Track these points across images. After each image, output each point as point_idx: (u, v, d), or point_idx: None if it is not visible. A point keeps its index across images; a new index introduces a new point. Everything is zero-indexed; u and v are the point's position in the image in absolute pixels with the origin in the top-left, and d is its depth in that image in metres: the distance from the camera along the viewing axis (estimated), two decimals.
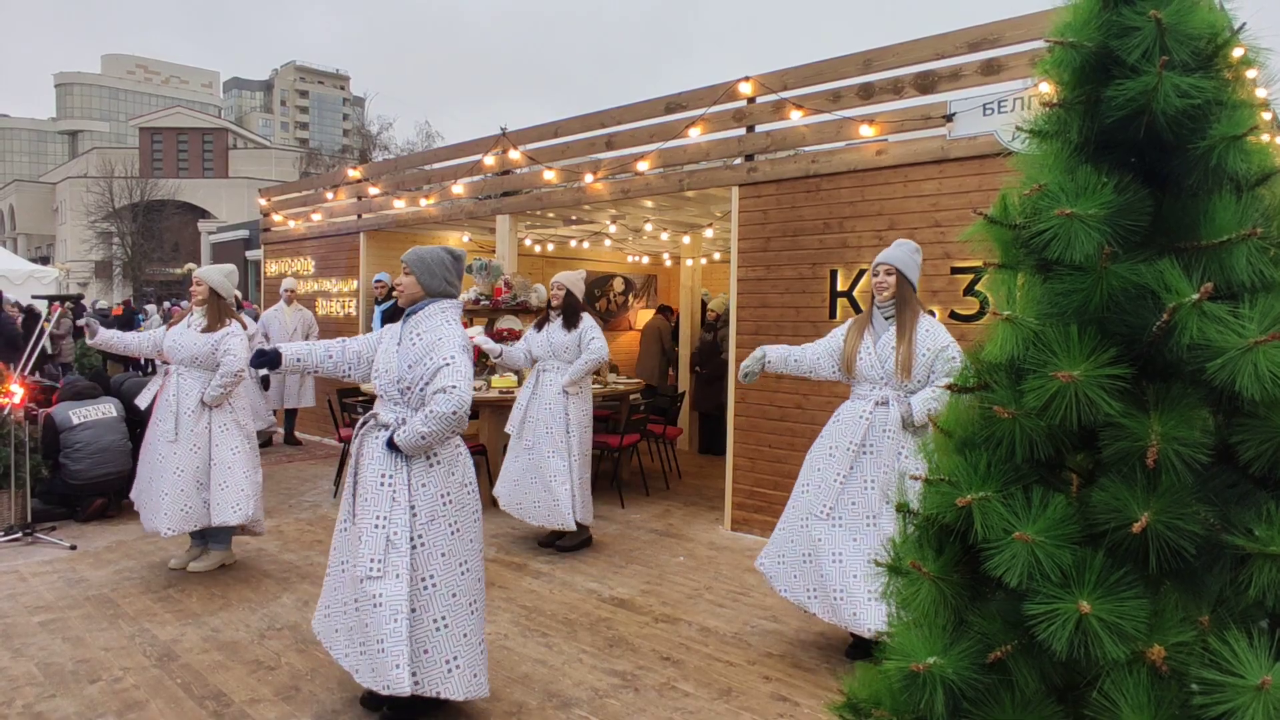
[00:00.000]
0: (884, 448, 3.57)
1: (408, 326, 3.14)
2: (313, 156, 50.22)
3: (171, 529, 4.64)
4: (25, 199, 56.59)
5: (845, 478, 3.63)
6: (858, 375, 3.71)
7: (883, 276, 3.64)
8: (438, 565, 3.01)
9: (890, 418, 3.58)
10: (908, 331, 3.58)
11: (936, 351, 3.53)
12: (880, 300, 3.68)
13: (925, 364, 3.55)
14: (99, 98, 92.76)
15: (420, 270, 3.15)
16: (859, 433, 3.62)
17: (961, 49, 4.98)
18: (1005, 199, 1.57)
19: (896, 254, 3.66)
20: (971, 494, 1.45)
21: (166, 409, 4.75)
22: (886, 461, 3.56)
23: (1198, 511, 1.34)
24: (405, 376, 3.04)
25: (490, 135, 8.05)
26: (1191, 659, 1.29)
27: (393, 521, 2.97)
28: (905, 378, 3.56)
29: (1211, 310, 1.32)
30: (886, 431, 3.58)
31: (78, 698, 3.34)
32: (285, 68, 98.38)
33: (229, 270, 4.97)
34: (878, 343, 3.67)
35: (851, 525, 3.60)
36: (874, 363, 3.64)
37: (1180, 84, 1.40)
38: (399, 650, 2.88)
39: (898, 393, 3.61)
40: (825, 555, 3.60)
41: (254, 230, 23.09)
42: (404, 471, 3.02)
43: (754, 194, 5.96)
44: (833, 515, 3.63)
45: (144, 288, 40.40)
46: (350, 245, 9.81)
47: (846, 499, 3.62)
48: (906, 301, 3.63)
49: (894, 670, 1.46)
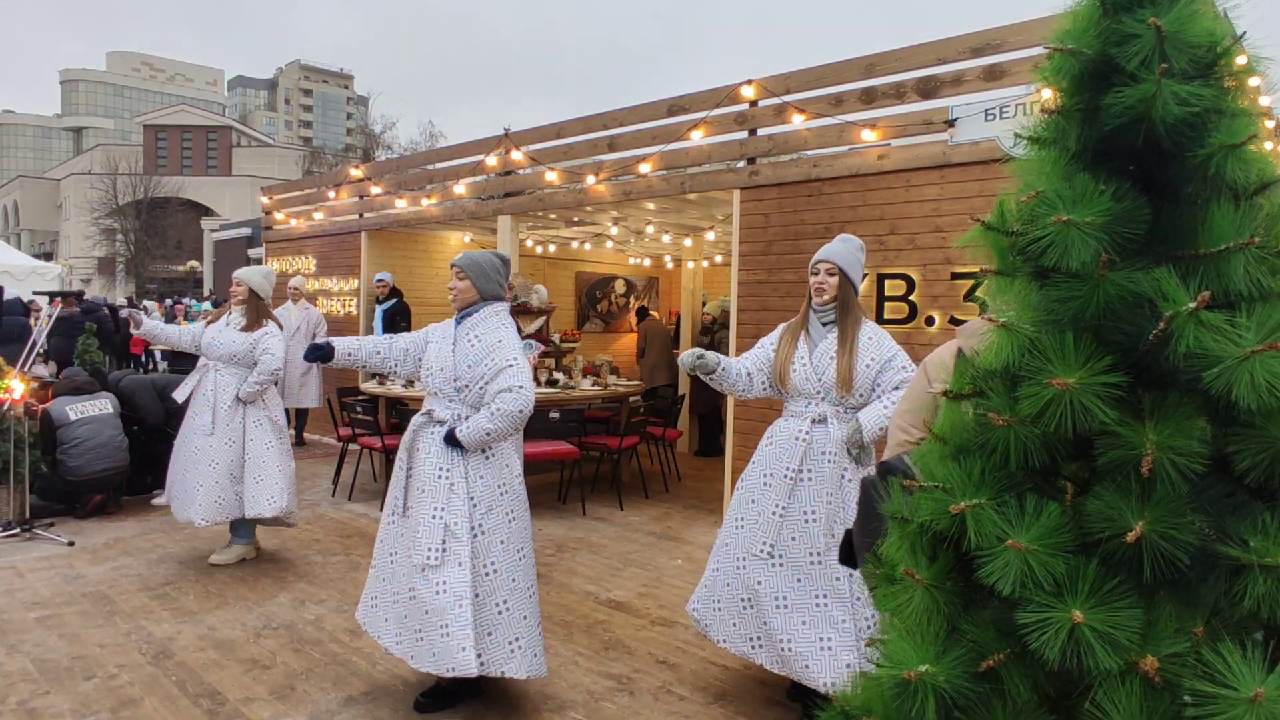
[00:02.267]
0: (824, 473, 3.11)
1: (463, 328, 3.28)
2: (316, 155, 50.27)
3: (205, 519, 4.81)
4: (29, 195, 56.74)
5: (784, 510, 3.15)
6: (791, 389, 3.24)
7: (823, 276, 3.23)
8: (498, 552, 3.17)
9: (830, 438, 3.13)
10: (849, 339, 3.15)
11: (882, 362, 3.13)
12: (818, 303, 3.26)
13: (868, 376, 3.13)
14: (104, 95, 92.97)
15: (475, 274, 3.30)
16: (795, 456, 3.14)
17: (964, 54, 4.97)
18: (1002, 205, 1.56)
19: (839, 250, 3.26)
20: (965, 501, 1.44)
21: (204, 403, 4.92)
22: (829, 489, 3.10)
23: (1193, 521, 1.33)
24: (464, 375, 3.19)
25: (493, 136, 8.05)
26: (1185, 670, 1.28)
27: (451, 511, 3.12)
28: (845, 392, 3.12)
29: (1208, 319, 1.32)
30: (826, 454, 3.12)
31: (72, 694, 3.33)
32: (290, 66, 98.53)
33: (267, 272, 5.17)
34: (814, 352, 3.22)
35: (794, 564, 3.13)
36: (809, 375, 3.19)
37: (1179, 92, 1.40)
38: (464, 634, 3.01)
39: (837, 408, 3.17)
40: (767, 601, 3.14)
41: (256, 228, 23.11)
42: (461, 465, 3.17)
43: (755, 197, 5.96)
44: (773, 554, 3.15)
45: (147, 285, 40.45)
46: (352, 244, 9.82)
47: (787, 534, 3.15)
48: (848, 306, 3.22)
49: (885, 678, 1.45)
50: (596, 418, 7.68)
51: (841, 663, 2.95)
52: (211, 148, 56.07)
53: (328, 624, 4.14)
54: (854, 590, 2.99)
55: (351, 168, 10.41)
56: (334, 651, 3.81)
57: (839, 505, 3.09)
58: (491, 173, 8.03)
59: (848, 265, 3.24)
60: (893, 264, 5.22)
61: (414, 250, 10.12)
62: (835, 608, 3.03)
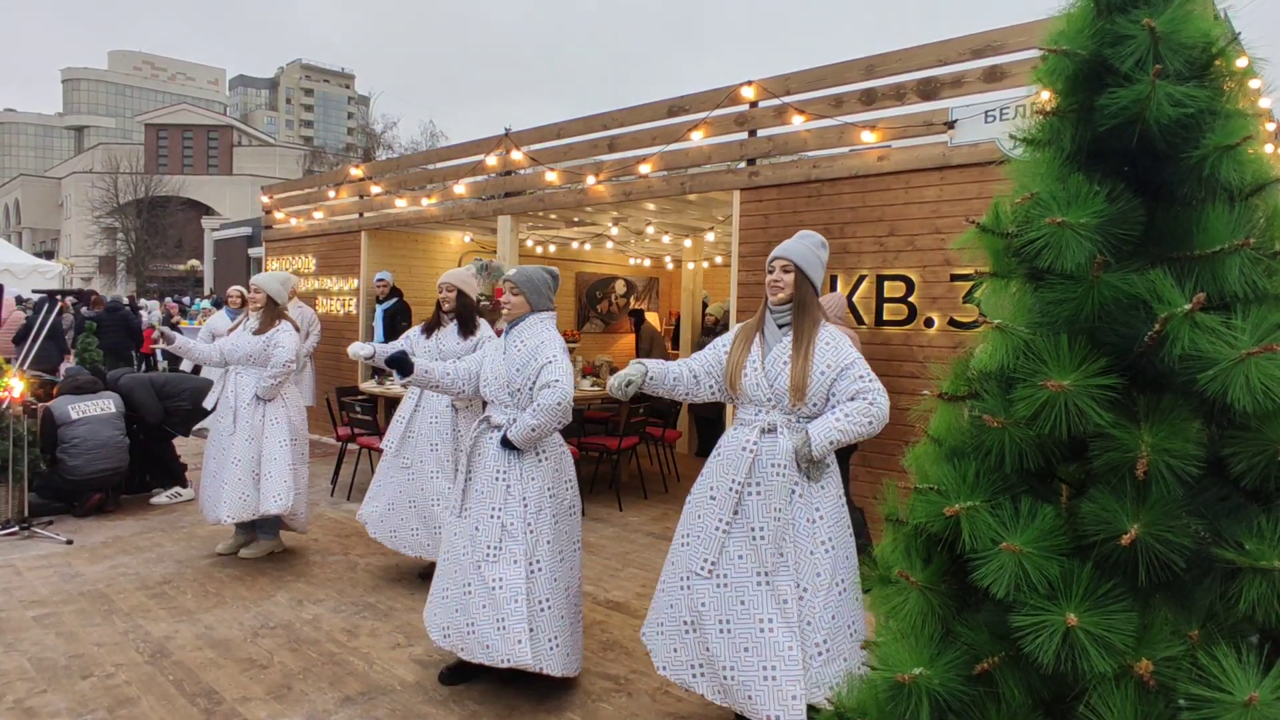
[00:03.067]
0: (773, 486, 2.83)
1: (510, 337, 3.49)
2: (317, 154, 50.30)
3: (231, 516, 4.94)
4: (31, 193, 56.76)
5: (729, 525, 2.89)
6: (742, 396, 2.99)
7: (778, 274, 2.99)
8: (544, 552, 3.32)
9: (779, 449, 2.84)
10: (805, 343, 2.89)
11: (838, 369, 2.83)
12: (773, 303, 3.01)
13: (823, 384, 2.83)
14: (106, 93, 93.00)
15: (529, 289, 3.50)
16: (742, 468, 2.88)
17: (964, 55, 4.97)
18: (997, 207, 1.56)
19: (795, 247, 3.01)
20: (960, 503, 1.44)
21: (225, 405, 5.12)
22: (776, 504, 2.82)
23: (1188, 524, 1.33)
24: (514, 379, 3.39)
25: (493, 135, 8.05)
26: (1180, 673, 1.28)
27: (507, 511, 3.31)
28: (798, 401, 2.84)
29: (1204, 321, 1.31)
30: (775, 466, 2.84)
31: (69, 693, 3.33)
32: (291, 65, 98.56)
33: (284, 278, 5.32)
34: (767, 356, 2.96)
35: (739, 585, 2.85)
36: (760, 381, 2.92)
37: (1174, 93, 1.40)
38: (520, 628, 3.17)
39: (789, 418, 2.88)
40: (710, 624, 2.87)
41: (256, 227, 23.12)
42: (516, 467, 3.35)
43: (755, 198, 5.95)
44: (716, 573, 2.89)
45: (147, 283, 40.46)
46: (351, 244, 9.82)
47: (731, 552, 2.88)
48: (806, 307, 2.95)
49: (880, 680, 1.45)
50: (596, 418, 7.68)
51: (786, 694, 2.70)
52: (212, 147, 56.10)
53: (325, 624, 4.13)
54: (803, 613, 2.75)
55: (352, 167, 10.41)
56: (331, 651, 3.80)
57: (789, 522, 2.81)
58: (492, 173, 8.03)
59: (805, 263, 2.97)
60: (892, 265, 5.21)
61: (414, 250, 10.12)
62: (781, 633, 2.74)
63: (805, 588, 2.76)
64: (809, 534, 2.79)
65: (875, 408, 2.74)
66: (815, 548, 2.78)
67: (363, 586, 4.72)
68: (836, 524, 2.83)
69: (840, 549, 2.82)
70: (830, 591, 2.76)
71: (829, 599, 2.75)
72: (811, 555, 2.77)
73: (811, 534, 2.79)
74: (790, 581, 2.76)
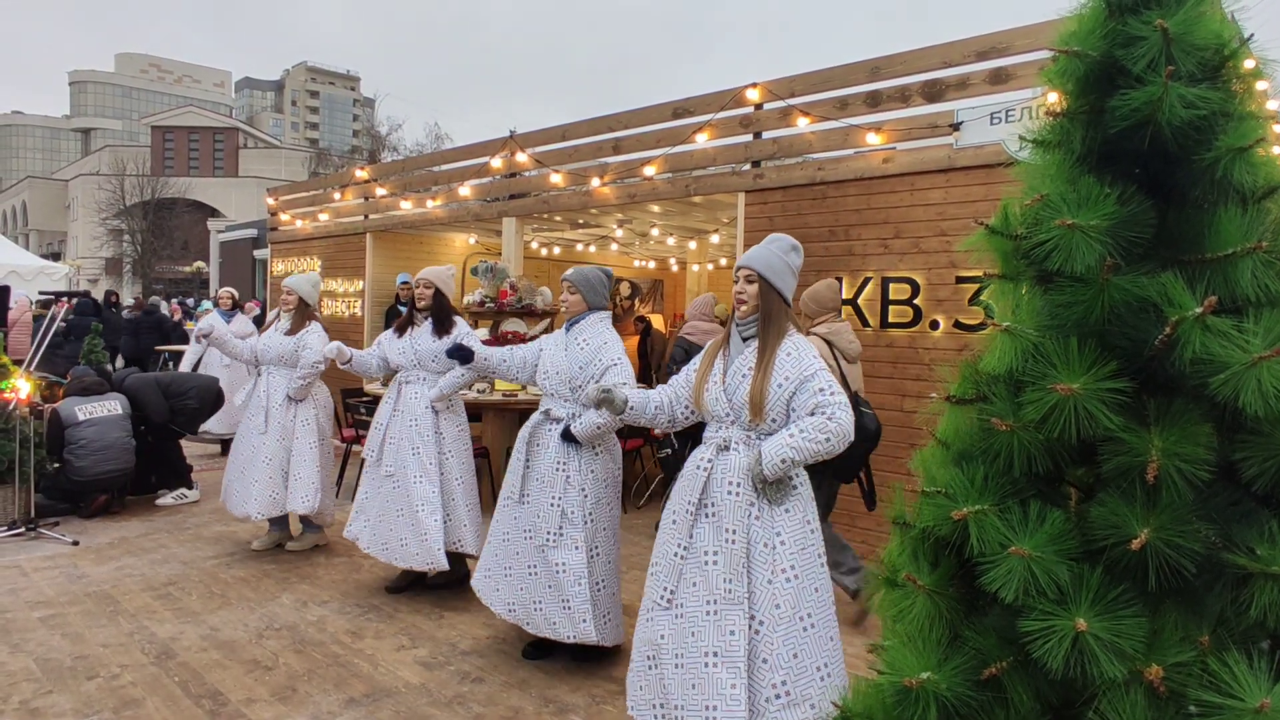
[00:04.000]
0: (727, 507, 2.60)
1: (571, 334, 3.72)
2: (322, 157, 50.42)
3: (260, 513, 5.14)
4: (38, 195, 56.96)
5: (685, 550, 2.67)
6: (705, 412, 2.82)
7: (741, 284, 2.78)
8: (602, 538, 3.64)
9: (732, 467, 2.63)
10: (767, 356, 2.68)
11: (798, 380, 2.61)
12: (738, 316, 2.80)
13: (782, 397, 2.61)
14: (112, 96, 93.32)
15: (585, 289, 3.74)
16: (696, 488, 2.67)
17: (970, 57, 4.96)
18: (1006, 209, 1.55)
19: (759, 255, 2.79)
20: (968, 507, 1.43)
21: (258, 404, 5.28)
22: (731, 526, 2.59)
23: (1198, 529, 1.32)
24: (577, 376, 3.60)
25: (498, 138, 8.05)
26: (1190, 680, 1.27)
27: (567, 500, 3.57)
28: (756, 417, 2.62)
29: (1215, 325, 1.30)
30: (730, 485, 2.61)
31: (75, 694, 3.33)
32: (297, 68, 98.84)
33: (315, 280, 5.52)
34: (729, 370, 2.77)
35: (692, 615, 2.61)
36: (719, 395, 2.73)
37: (1186, 95, 1.39)
38: (585, 609, 3.50)
39: (747, 434, 2.67)
40: (668, 657, 2.63)
41: (262, 229, 23.17)
42: (576, 459, 3.59)
43: (760, 200, 5.95)
44: (675, 603, 2.67)
45: (153, 285, 40.57)
46: (357, 245, 9.82)
47: (688, 579, 2.65)
48: (771, 318, 2.73)
49: (886, 685, 1.44)
50: None
51: None
52: (218, 149, 56.26)
53: (330, 625, 4.13)
54: (758, 649, 2.49)
55: (357, 169, 10.42)
56: (336, 653, 3.80)
57: (744, 548, 2.55)
58: (497, 175, 8.04)
59: (770, 270, 2.75)
60: (897, 268, 5.20)
61: (419, 252, 10.13)
62: (725, 670, 2.49)
63: (762, 620, 2.49)
64: (767, 561, 2.53)
65: (834, 424, 2.47)
66: (774, 576, 2.51)
67: (367, 589, 4.72)
68: (801, 551, 2.56)
69: (805, 579, 2.54)
70: (791, 626, 2.48)
71: (790, 634, 2.47)
72: (770, 584, 2.51)
73: (770, 561, 2.53)
74: (739, 612, 2.50)
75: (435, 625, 4.17)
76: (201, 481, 7.10)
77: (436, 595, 4.63)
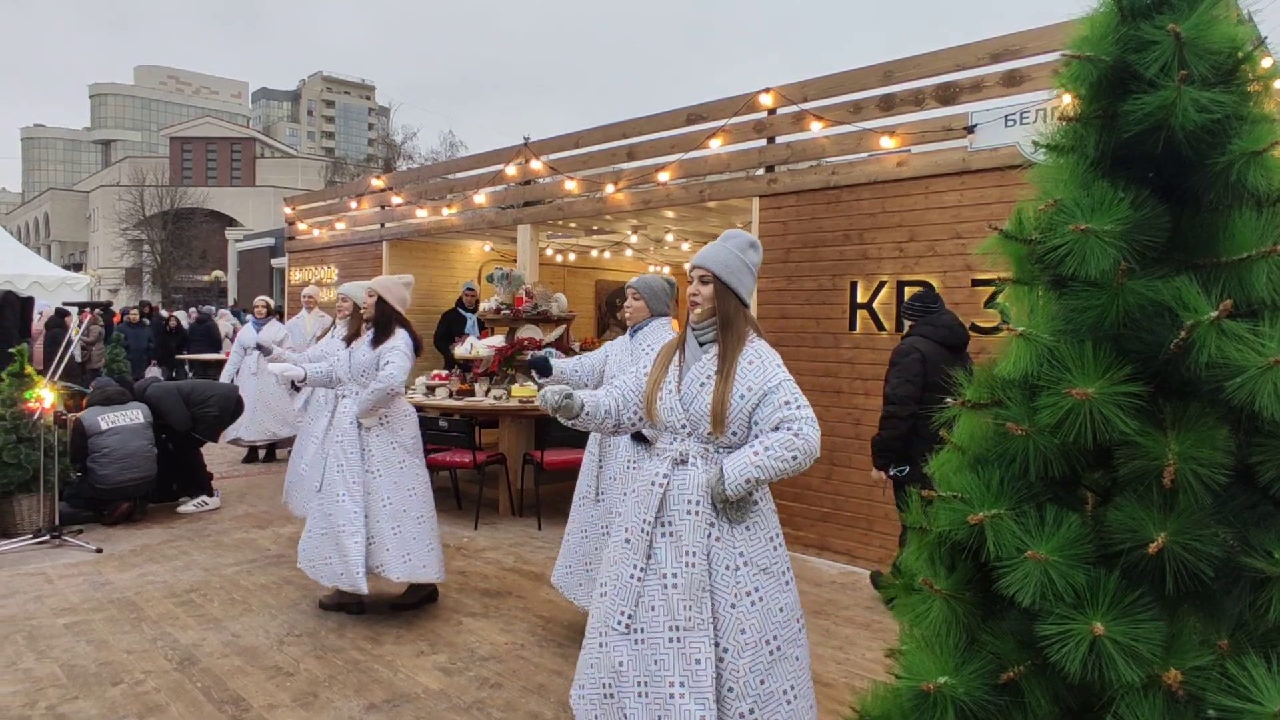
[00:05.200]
0: (685, 527, 2.43)
1: (636, 340, 3.88)
2: (338, 165, 50.86)
3: None
4: (60, 207, 57.73)
5: (643, 572, 2.48)
6: (658, 422, 2.62)
7: (696, 285, 2.59)
8: None
9: (691, 483, 2.45)
10: (728, 363, 2.49)
11: (761, 392, 2.42)
12: (692, 319, 2.62)
13: (744, 409, 2.43)
14: (132, 108, 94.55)
15: (649, 296, 3.89)
16: (652, 505, 2.49)
17: (983, 60, 4.95)
18: (1020, 213, 1.56)
19: (712, 253, 2.60)
20: (983, 511, 1.43)
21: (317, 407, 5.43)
22: (690, 546, 2.41)
23: (1216, 533, 1.32)
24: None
25: (512, 145, 8.10)
26: (1209, 684, 1.26)
27: None
28: (717, 430, 2.44)
29: (1230, 328, 1.31)
30: (688, 503, 2.44)
31: (100, 700, 3.38)
32: (313, 78, 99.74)
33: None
34: (684, 377, 2.58)
35: (653, 641, 2.43)
36: (674, 405, 2.53)
37: (1199, 99, 1.39)
38: None
39: (705, 447, 2.48)
40: (628, 686, 2.45)
41: (279, 238, 23.37)
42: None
43: (774, 205, 5.95)
44: (633, 628, 2.48)
45: (172, 294, 41.01)
46: (373, 254, 9.90)
47: (646, 602, 2.46)
48: (730, 321, 2.54)
49: (904, 689, 1.45)
50: None
51: None
52: (236, 159, 56.88)
53: (350, 631, 4.16)
54: (724, 677, 2.36)
55: (373, 178, 10.51)
56: (356, 659, 3.83)
57: (705, 570, 2.39)
58: (511, 182, 8.09)
59: (725, 269, 2.56)
60: (912, 271, 5.19)
61: (435, 260, 10.20)
62: (692, 702, 2.32)
63: (726, 647, 2.34)
64: (730, 584, 2.38)
65: (801, 439, 2.30)
66: (738, 600, 2.37)
67: (386, 596, 4.75)
68: (764, 572, 2.41)
69: (770, 600, 2.40)
70: (758, 652, 2.34)
71: (756, 660, 2.34)
72: (733, 609, 2.36)
73: (733, 584, 2.38)
74: (704, 639, 2.34)
75: (454, 631, 4.20)
76: (222, 489, 7.17)
77: (455, 601, 4.65)
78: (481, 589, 4.87)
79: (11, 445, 5.70)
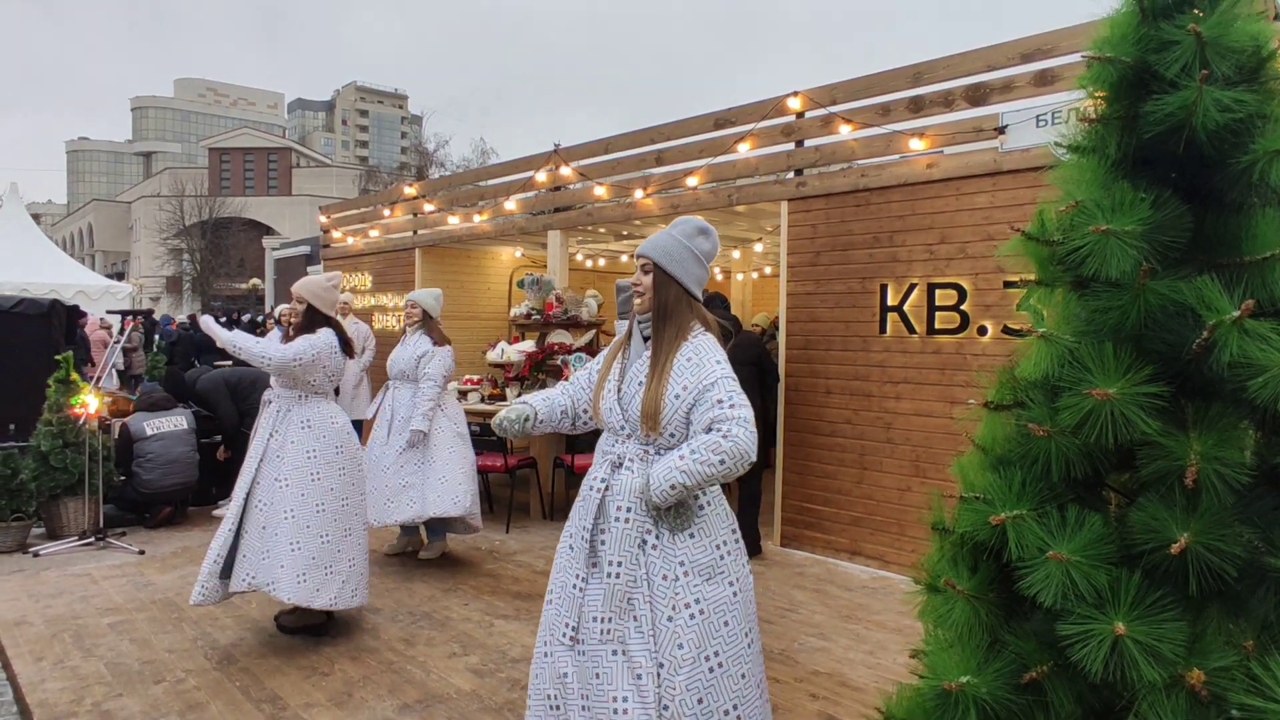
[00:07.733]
0: (617, 534, 2.29)
1: None
2: (372, 174, 51.59)
3: (403, 519, 5.27)
4: (103, 217, 59.13)
5: (585, 581, 2.36)
6: (601, 421, 2.49)
7: (638, 274, 2.43)
8: None
9: (625, 488, 2.31)
10: (662, 360, 2.33)
11: (698, 390, 2.25)
12: (637, 312, 2.46)
13: (680, 409, 2.27)
14: (172, 120, 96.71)
15: None
16: (591, 511, 2.36)
17: (1014, 60, 4.91)
18: (1042, 215, 1.56)
19: (657, 241, 2.42)
20: (1006, 512, 1.44)
21: (383, 418, 5.48)
22: (619, 556, 2.29)
23: (1239, 533, 1.31)
24: None
25: (543, 152, 8.18)
26: (1233, 684, 1.26)
27: None
28: (651, 430, 2.29)
29: (1253, 328, 1.30)
30: (618, 509, 2.30)
31: (143, 697, 3.47)
32: (346, 88, 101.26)
33: (438, 294, 5.72)
34: (626, 375, 2.44)
35: (594, 653, 2.31)
36: (613, 405, 2.41)
37: (1221, 98, 1.39)
38: None
39: (644, 449, 2.34)
40: (574, 699, 2.33)
41: (315, 246, 23.74)
42: None
43: (803, 208, 5.95)
44: (578, 638, 2.35)
45: (212, 302, 41.81)
46: (406, 261, 10.04)
47: (588, 613, 2.33)
48: (669, 314, 2.37)
49: (927, 689, 1.46)
50: None
51: None
52: (272, 169, 57.91)
53: (384, 633, 4.23)
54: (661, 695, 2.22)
55: (406, 186, 10.66)
56: (390, 660, 3.89)
57: (631, 580, 2.26)
58: (541, 188, 8.16)
59: (665, 256, 2.38)
60: (943, 273, 5.16)
61: (466, 266, 10.31)
62: (638, 716, 2.20)
63: (663, 662, 2.20)
64: (667, 595, 2.23)
65: (729, 441, 2.13)
66: (676, 612, 2.21)
67: (419, 596, 4.82)
68: (707, 582, 2.25)
69: (713, 613, 2.23)
70: (695, 668, 2.19)
71: (694, 677, 2.18)
72: (670, 622, 2.21)
73: (670, 595, 2.23)
74: (645, 652, 2.22)
75: (486, 633, 4.25)
76: None
77: (486, 604, 4.70)
78: (513, 592, 4.92)
79: (59, 450, 5.86)
